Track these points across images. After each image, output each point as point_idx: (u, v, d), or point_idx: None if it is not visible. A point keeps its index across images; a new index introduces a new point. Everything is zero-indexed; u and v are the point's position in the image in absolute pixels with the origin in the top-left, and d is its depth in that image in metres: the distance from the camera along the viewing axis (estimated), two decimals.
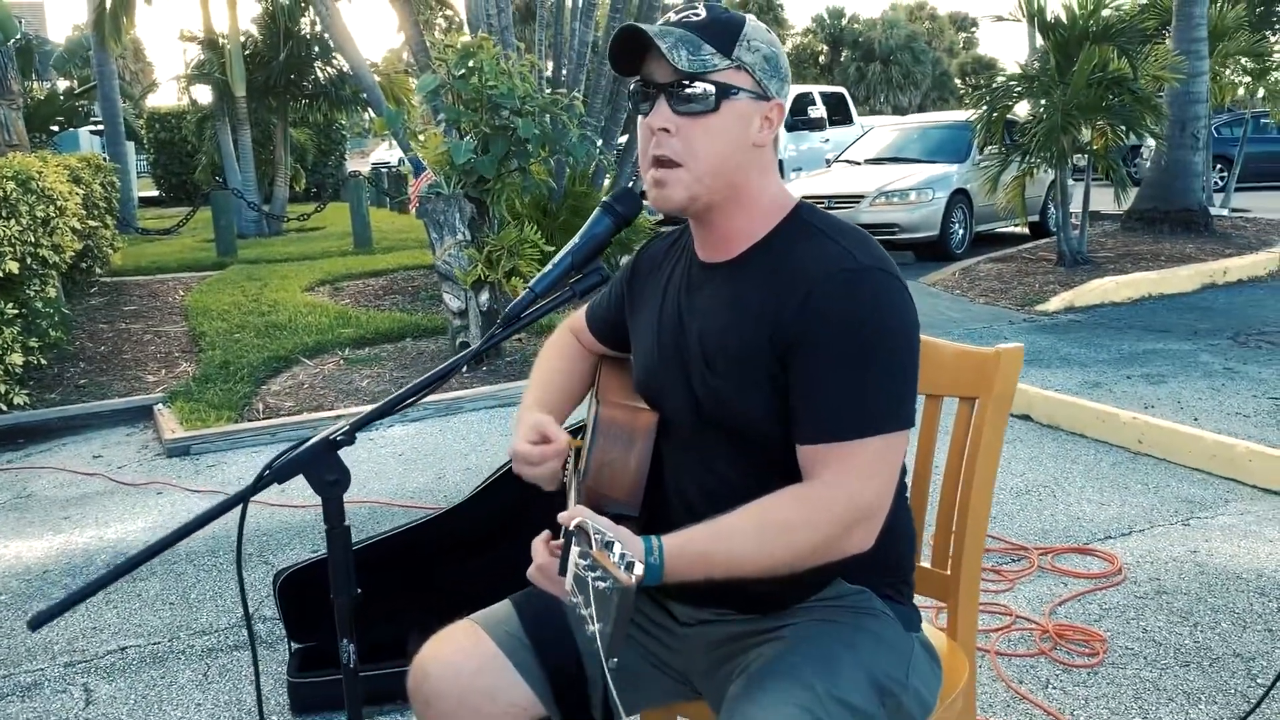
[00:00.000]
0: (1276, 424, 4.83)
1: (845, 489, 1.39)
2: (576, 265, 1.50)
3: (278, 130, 17.03)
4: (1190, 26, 9.86)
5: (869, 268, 1.42)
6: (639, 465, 1.61)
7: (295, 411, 5.60)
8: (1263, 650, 2.86)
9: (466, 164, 5.99)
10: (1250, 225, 11.42)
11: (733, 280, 1.52)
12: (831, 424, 1.40)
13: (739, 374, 1.48)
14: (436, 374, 1.47)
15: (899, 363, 1.42)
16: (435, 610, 2.95)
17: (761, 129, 1.47)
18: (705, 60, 1.42)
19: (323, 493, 1.43)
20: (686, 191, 1.47)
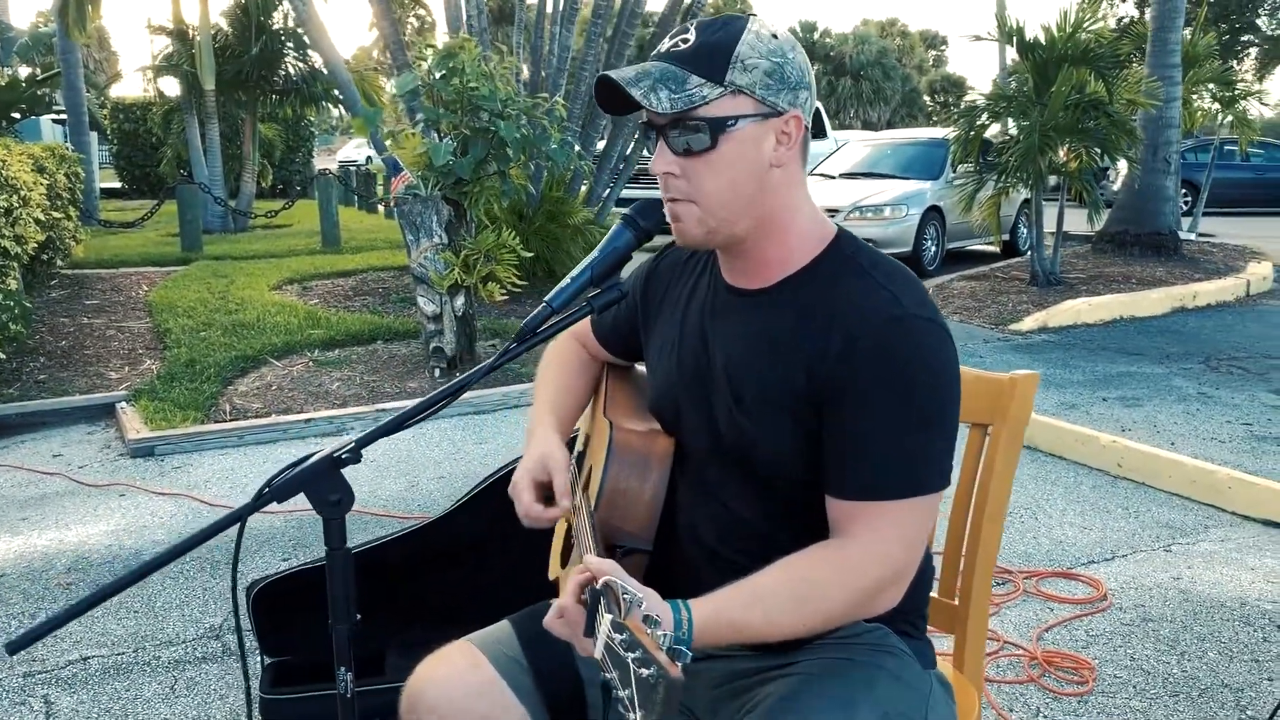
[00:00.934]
0: (1252, 450, 4.85)
1: (881, 552, 1.34)
2: (595, 280, 1.43)
3: (246, 125, 16.80)
4: (1165, 52, 9.97)
5: (916, 317, 1.35)
6: (654, 496, 1.54)
7: (264, 413, 5.48)
8: (1250, 681, 2.84)
9: (445, 166, 5.89)
10: (1217, 250, 11.55)
11: (765, 311, 1.44)
12: (871, 483, 1.33)
13: (768, 413, 1.41)
14: (448, 390, 1.39)
15: (943, 420, 1.36)
16: (410, 627, 2.88)
17: (778, 147, 1.37)
18: (692, 95, 1.33)
19: (324, 513, 1.34)
20: (701, 227, 1.41)
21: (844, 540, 1.35)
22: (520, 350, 1.42)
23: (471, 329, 6.36)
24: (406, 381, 6.09)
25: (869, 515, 1.34)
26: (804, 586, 1.32)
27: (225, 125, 16.72)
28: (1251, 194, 19.02)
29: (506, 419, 5.50)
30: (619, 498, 1.53)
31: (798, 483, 1.42)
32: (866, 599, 1.35)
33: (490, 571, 2.90)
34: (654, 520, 1.53)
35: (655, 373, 1.63)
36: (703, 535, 1.52)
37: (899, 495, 1.33)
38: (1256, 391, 5.97)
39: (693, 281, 1.60)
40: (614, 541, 1.53)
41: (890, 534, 1.33)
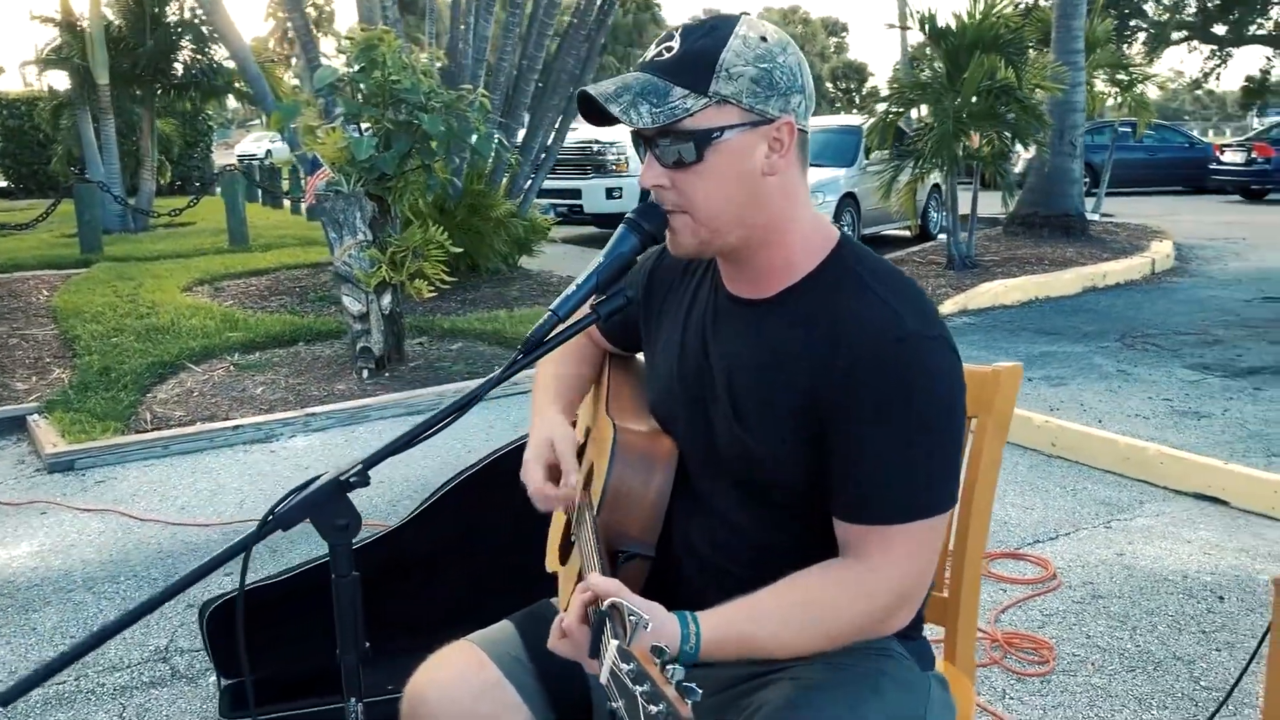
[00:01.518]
0: (1175, 425, 5.01)
1: (892, 575, 1.32)
2: (601, 286, 1.38)
3: (144, 120, 16.20)
4: (1069, 38, 10.24)
5: (922, 336, 1.32)
6: (658, 499, 1.50)
7: (188, 421, 5.28)
8: (1200, 653, 2.92)
9: (368, 161, 5.75)
10: (1121, 230, 11.94)
11: (767, 322, 1.41)
12: (879, 506, 1.32)
13: (768, 428, 1.38)
14: (457, 404, 1.33)
15: (950, 441, 1.34)
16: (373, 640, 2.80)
17: (770, 155, 1.33)
18: (674, 109, 1.28)
19: (331, 539, 1.28)
20: (695, 238, 1.38)
21: (855, 562, 1.33)
22: (526, 362, 1.36)
23: (399, 327, 6.23)
24: (334, 384, 5.94)
25: (877, 538, 1.32)
26: (815, 608, 1.31)
27: (120, 120, 16.10)
28: (1145, 174, 19.74)
29: None
30: (622, 499, 1.49)
31: (795, 493, 1.40)
32: (878, 622, 1.35)
33: (448, 582, 2.84)
34: (657, 523, 1.50)
35: (655, 374, 1.60)
36: (696, 545, 1.49)
37: (910, 519, 1.31)
38: (1172, 368, 6.18)
39: (694, 285, 1.56)
40: (616, 546, 1.49)
41: (899, 556, 1.32)
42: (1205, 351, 6.62)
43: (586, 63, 9.25)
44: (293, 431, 5.19)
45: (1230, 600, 3.24)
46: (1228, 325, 7.45)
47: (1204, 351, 6.61)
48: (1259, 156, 18.38)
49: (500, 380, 1.35)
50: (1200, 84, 31.17)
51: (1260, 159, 18.33)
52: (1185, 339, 6.99)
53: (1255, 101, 33.02)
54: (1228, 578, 3.40)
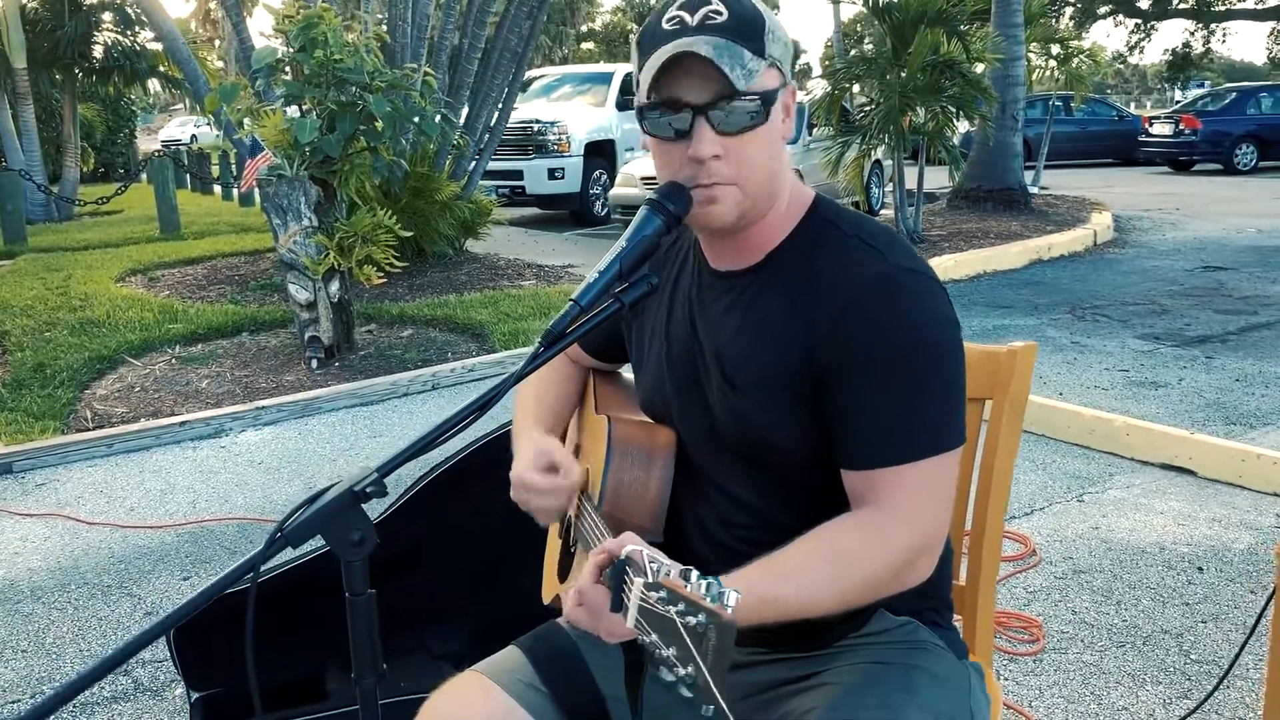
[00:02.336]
0: (1134, 395, 5.05)
1: (906, 516, 1.27)
2: (624, 273, 1.29)
3: (65, 105, 15.63)
4: (1009, 11, 10.29)
5: (905, 270, 1.30)
6: (660, 487, 1.46)
7: (130, 418, 5.08)
8: (1187, 625, 2.92)
9: (312, 143, 5.56)
10: (1061, 203, 12.09)
11: (752, 291, 1.38)
12: (884, 448, 1.27)
13: (766, 396, 1.34)
14: (477, 403, 1.22)
15: (949, 374, 1.30)
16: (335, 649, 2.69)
17: (785, 120, 1.34)
18: (750, 71, 1.25)
19: (345, 554, 1.17)
20: (738, 209, 1.33)
21: (869, 509, 1.29)
22: (549, 355, 1.27)
23: (349, 316, 6.06)
24: (282, 375, 5.76)
25: (888, 481, 1.28)
26: (836, 557, 1.26)
27: (39, 106, 15.52)
28: (1077, 147, 20.06)
29: (399, 409, 5.26)
30: (623, 491, 1.44)
31: (801, 463, 1.36)
32: (902, 566, 1.28)
33: (428, 579, 2.74)
34: (661, 512, 1.45)
35: (644, 372, 1.54)
36: (709, 528, 1.44)
37: (915, 457, 1.27)
38: (1124, 338, 6.24)
39: (676, 269, 1.52)
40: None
41: (914, 497, 1.28)
42: (1154, 321, 6.70)
43: (529, 41, 9.08)
44: (243, 425, 5.01)
45: (1210, 571, 3.24)
46: (1173, 295, 7.55)
47: (1153, 321, 6.69)
48: (1186, 129, 18.76)
49: (522, 376, 1.24)
50: (1125, 58, 31.69)
51: (1188, 131, 18.72)
52: (1134, 309, 7.07)
53: (1179, 75, 33.71)
54: (1204, 548, 3.41)
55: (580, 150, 12.55)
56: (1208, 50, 31.36)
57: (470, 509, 2.66)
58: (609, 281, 1.29)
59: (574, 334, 1.27)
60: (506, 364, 5.84)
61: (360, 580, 1.19)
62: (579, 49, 54.07)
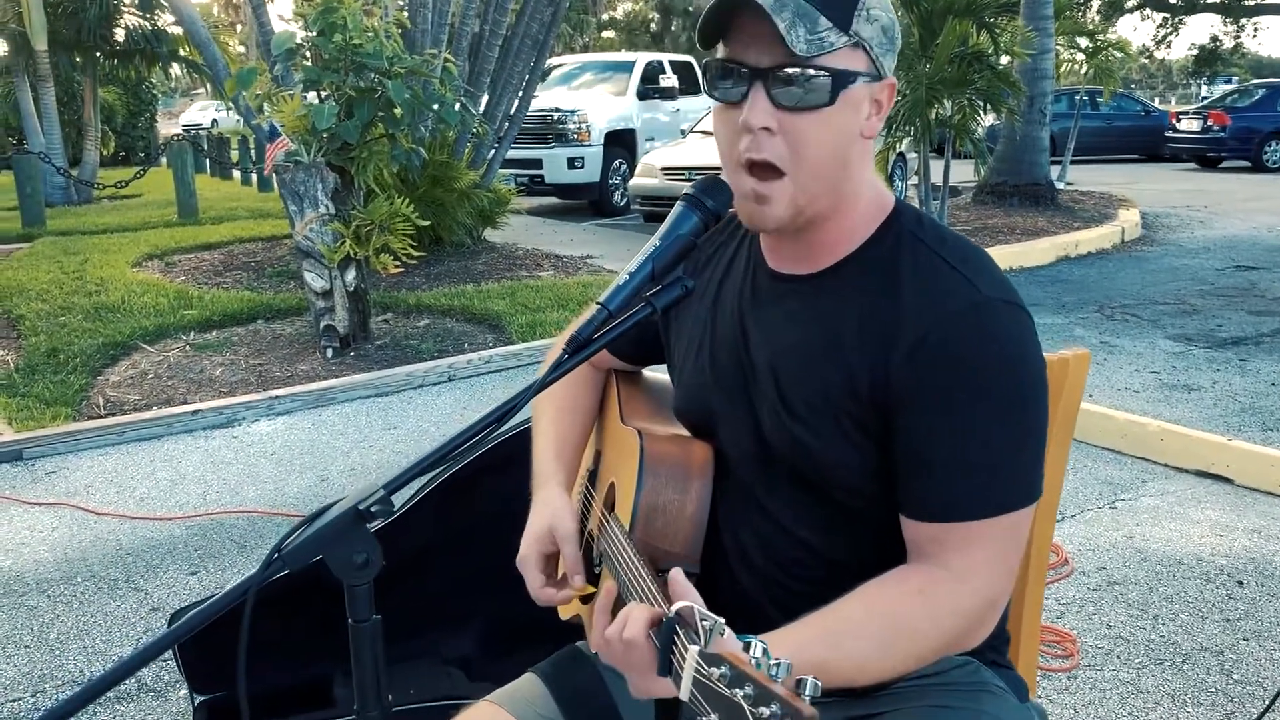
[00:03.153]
0: (1166, 399, 4.92)
1: (976, 580, 1.15)
2: (656, 274, 1.19)
3: (86, 88, 15.61)
4: (1039, 3, 10.11)
5: (997, 301, 1.16)
6: (697, 510, 1.33)
7: (143, 406, 5.01)
8: (1228, 643, 2.81)
9: (330, 130, 5.47)
10: (1088, 198, 11.90)
11: (818, 300, 1.24)
12: (956, 501, 1.14)
13: (825, 420, 1.21)
14: (492, 416, 1.12)
15: (1035, 420, 1.17)
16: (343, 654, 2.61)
17: (871, 116, 1.19)
18: (823, 40, 1.12)
19: (349, 578, 1.08)
20: (791, 206, 1.19)
21: (930, 568, 1.16)
22: (574, 363, 1.17)
23: (365, 304, 5.97)
24: (297, 364, 5.68)
25: (956, 538, 1.15)
26: (893, 626, 1.13)
27: (61, 89, 15.51)
28: (1102, 142, 19.81)
29: (414, 400, 5.18)
30: (657, 515, 1.32)
31: (859, 494, 1.23)
32: (962, 635, 1.17)
33: (439, 582, 2.65)
34: (698, 538, 1.32)
35: (682, 373, 1.41)
36: (751, 556, 1.31)
37: (990, 513, 1.14)
38: (1155, 339, 6.09)
39: (723, 265, 1.38)
40: (656, 566, 1.32)
41: (983, 559, 1.15)
42: (1185, 322, 6.55)
43: (551, 28, 8.97)
44: (256, 415, 4.94)
45: (1250, 585, 3.13)
46: (1203, 295, 7.40)
47: (1184, 322, 6.55)
48: (1215, 124, 18.50)
49: (543, 386, 1.15)
50: (1151, 52, 31.33)
51: (1216, 127, 18.45)
52: (1163, 309, 6.92)
53: (1206, 71, 33.31)
54: (1243, 560, 3.29)
55: (600, 140, 12.44)
56: (1238, 45, 30.96)
57: (481, 510, 2.57)
58: (640, 284, 1.18)
59: (601, 340, 1.18)
60: (524, 356, 5.75)
61: (364, 606, 1.10)
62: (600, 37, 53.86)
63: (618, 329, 1.18)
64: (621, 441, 1.46)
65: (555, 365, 1.16)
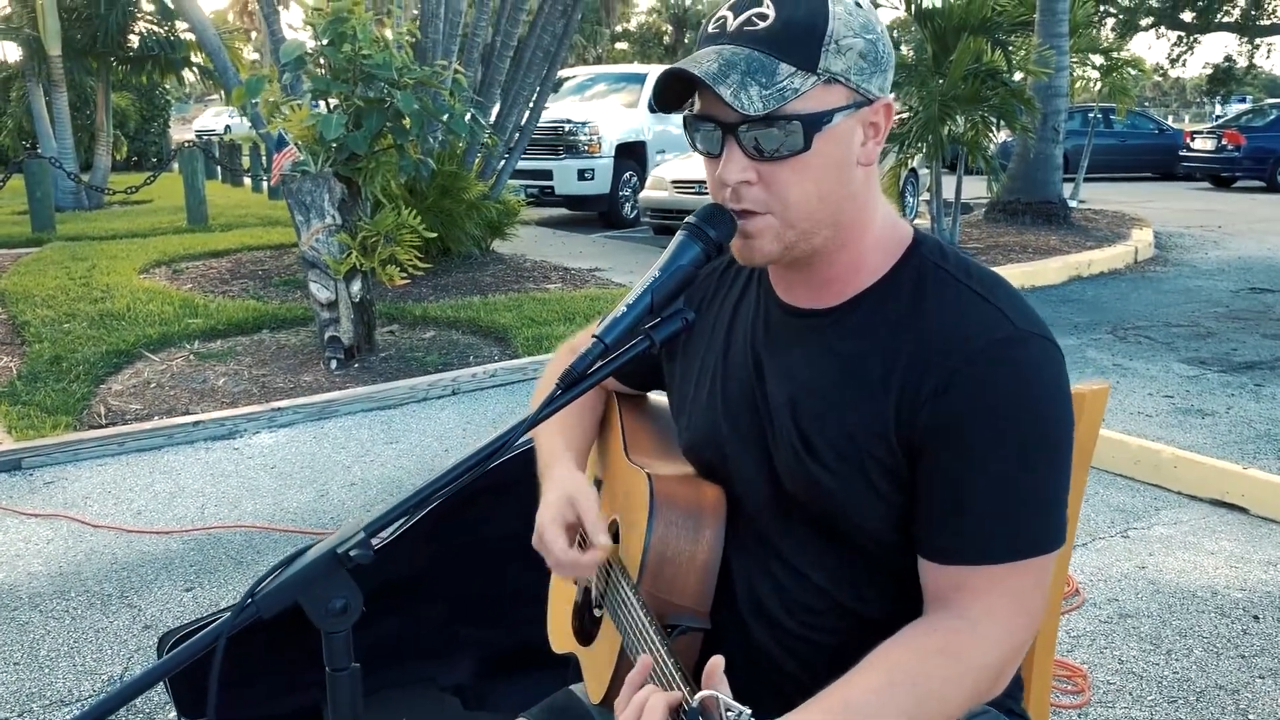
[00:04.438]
0: (1180, 424, 4.84)
1: (998, 629, 1.09)
2: (656, 306, 1.13)
3: (99, 93, 15.65)
4: (1054, 21, 10.05)
5: (1030, 336, 1.10)
6: (708, 560, 1.26)
7: (145, 416, 4.97)
8: (1244, 681, 2.73)
9: (338, 140, 5.44)
10: (1101, 217, 11.82)
11: (837, 335, 1.18)
12: (980, 544, 1.09)
13: (850, 465, 1.15)
14: (480, 454, 1.07)
15: (1063, 461, 1.12)
16: None
17: (867, 141, 1.14)
18: (784, 90, 1.06)
19: (326, 625, 1.02)
20: (779, 243, 1.15)
21: (949, 618, 1.10)
22: (567, 399, 1.11)
23: (370, 316, 5.93)
24: (300, 375, 5.64)
25: (979, 584, 1.09)
26: (918, 694, 1.06)
27: (74, 94, 15.55)
28: (1117, 160, 19.72)
29: (417, 414, 5.13)
30: (666, 565, 1.25)
31: (881, 542, 1.17)
32: (986, 688, 1.10)
33: (434, 608, 2.60)
34: (709, 588, 1.26)
35: (690, 410, 1.34)
36: (766, 606, 1.24)
37: (1015, 557, 1.09)
38: (1168, 362, 6.02)
39: (735, 296, 1.33)
40: (663, 623, 1.25)
41: (1006, 606, 1.09)
42: (1199, 345, 6.47)
43: (563, 39, 8.95)
44: (257, 427, 4.90)
45: (1266, 620, 3.05)
46: (1218, 317, 7.32)
47: (1198, 345, 6.47)
48: (1229, 144, 18.39)
49: (534, 423, 1.09)
50: (1165, 70, 31.25)
51: (1231, 146, 18.35)
52: (1177, 331, 6.85)
53: (1220, 90, 33.20)
54: (1259, 594, 3.21)
55: (611, 151, 12.40)
56: (1251, 65, 30.85)
57: (477, 536, 2.52)
58: (639, 316, 1.13)
59: (596, 375, 1.12)
60: (528, 370, 5.70)
61: (343, 654, 1.04)
62: (613, 49, 53.97)
63: (615, 363, 1.13)
64: (626, 477, 1.40)
65: (548, 401, 1.11)
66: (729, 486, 1.28)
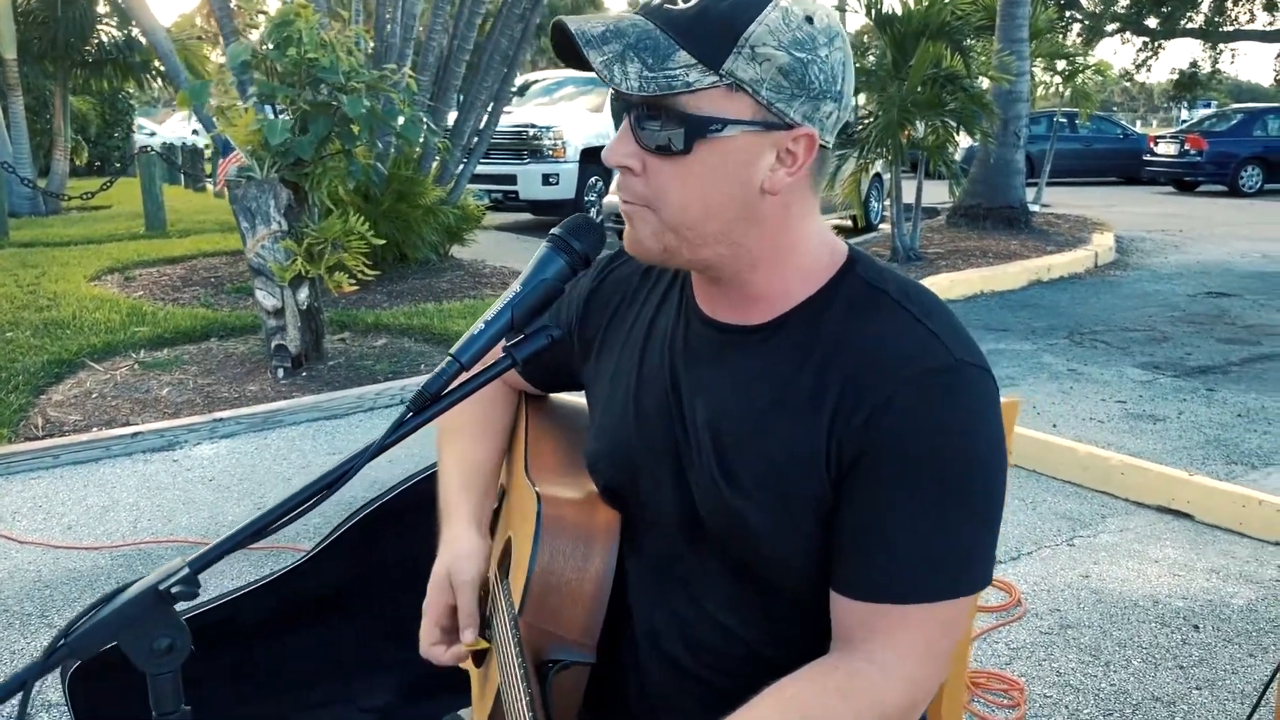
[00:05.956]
0: (1131, 430, 4.83)
1: (904, 673, 1.02)
2: (517, 323, 1.06)
3: (56, 98, 15.42)
4: (1014, 26, 10.09)
5: (970, 365, 1.03)
6: (597, 590, 1.18)
7: (83, 427, 4.86)
8: (1181, 693, 2.70)
9: (283, 145, 5.34)
10: (1063, 221, 11.88)
11: (763, 355, 1.10)
12: (899, 582, 1.02)
13: (771, 495, 1.07)
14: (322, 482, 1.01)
15: (995, 500, 1.05)
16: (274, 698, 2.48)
17: (777, 169, 1.02)
18: (672, 78, 0.97)
19: (148, 667, 0.95)
20: (657, 241, 1.07)
21: (854, 658, 1.03)
22: (419, 423, 1.05)
23: (318, 324, 5.83)
24: (246, 384, 5.54)
25: (889, 623, 1.02)
26: None
27: (31, 98, 15.32)
28: (1080, 164, 19.85)
29: (363, 424, 5.04)
30: (551, 595, 1.17)
31: (800, 580, 1.09)
32: None
33: (355, 625, 2.52)
34: (596, 622, 1.18)
35: (602, 418, 1.26)
36: (665, 644, 1.18)
37: (931, 598, 1.01)
38: (1123, 367, 6.02)
39: (655, 304, 1.23)
40: (544, 656, 1.18)
41: (915, 649, 1.02)
42: (1154, 349, 6.48)
43: (520, 43, 8.88)
44: (198, 438, 4.79)
45: (1206, 630, 3.03)
46: (1174, 321, 7.34)
47: (1153, 349, 6.48)
48: (1192, 149, 18.56)
49: (380, 450, 1.03)
50: (1132, 75, 31.53)
51: (1193, 151, 18.51)
52: (1133, 336, 6.86)
53: (1186, 95, 33.55)
54: (1200, 603, 3.19)
55: (576, 156, 12.33)
56: (1215, 70, 31.19)
57: (401, 551, 2.43)
58: (498, 334, 1.06)
59: (452, 396, 1.06)
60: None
61: (170, 697, 0.97)
62: None
63: (475, 383, 1.06)
64: (522, 494, 1.31)
65: (396, 425, 1.05)
66: (635, 508, 1.20)
